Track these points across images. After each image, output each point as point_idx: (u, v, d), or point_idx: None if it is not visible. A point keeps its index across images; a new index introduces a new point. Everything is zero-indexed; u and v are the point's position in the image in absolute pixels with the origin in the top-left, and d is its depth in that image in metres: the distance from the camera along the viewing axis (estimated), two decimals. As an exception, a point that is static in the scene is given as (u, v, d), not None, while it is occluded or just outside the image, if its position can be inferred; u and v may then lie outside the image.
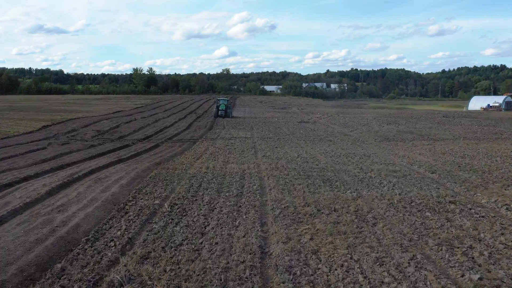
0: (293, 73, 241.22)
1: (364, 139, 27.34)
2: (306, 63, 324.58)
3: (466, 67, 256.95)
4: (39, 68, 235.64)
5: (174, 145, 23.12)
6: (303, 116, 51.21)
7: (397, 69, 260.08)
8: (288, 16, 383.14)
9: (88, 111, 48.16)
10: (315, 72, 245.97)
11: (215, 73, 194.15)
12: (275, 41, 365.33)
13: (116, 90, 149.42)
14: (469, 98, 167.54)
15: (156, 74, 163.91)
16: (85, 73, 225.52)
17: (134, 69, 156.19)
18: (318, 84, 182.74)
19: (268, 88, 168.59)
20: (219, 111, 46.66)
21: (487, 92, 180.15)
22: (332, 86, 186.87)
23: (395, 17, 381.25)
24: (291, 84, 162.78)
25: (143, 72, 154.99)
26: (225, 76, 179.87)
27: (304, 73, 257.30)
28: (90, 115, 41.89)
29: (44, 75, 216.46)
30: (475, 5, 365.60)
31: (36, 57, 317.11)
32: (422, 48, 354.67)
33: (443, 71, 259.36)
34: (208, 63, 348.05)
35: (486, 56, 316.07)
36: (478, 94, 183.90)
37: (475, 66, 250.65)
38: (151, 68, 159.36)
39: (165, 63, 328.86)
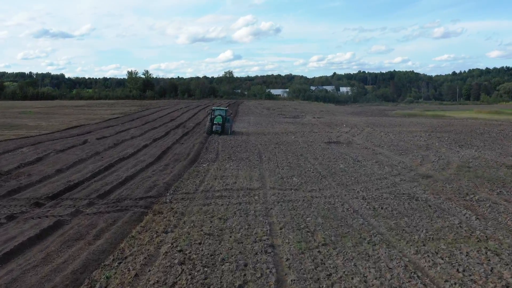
0: (299, 76, 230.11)
1: (479, 195, 14.28)
2: (311, 66, 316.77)
3: (477, 69, 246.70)
4: (40, 72, 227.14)
5: (87, 232, 10.14)
6: (328, 131, 38.18)
7: (406, 71, 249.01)
8: (292, 19, 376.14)
9: (37, 126, 35.55)
10: (320, 75, 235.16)
11: (218, 76, 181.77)
12: (280, 44, 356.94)
13: (109, 95, 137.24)
14: (494, 102, 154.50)
15: (153, 78, 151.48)
16: (86, 77, 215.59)
17: (128, 72, 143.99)
18: (328, 88, 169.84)
19: (274, 91, 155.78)
20: (214, 126, 33.81)
21: (510, 95, 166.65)
22: (342, 89, 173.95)
23: (400, 20, 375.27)
24: (300, 87, 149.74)
25: (138, 75, 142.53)
26: (228, 79, 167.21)
27: (309, 76, 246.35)
28: (28, 134, 29.21)
29: (45, 80, 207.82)
30: (481, 7, 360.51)
31: (41, 62, 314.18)
32: (427, 50, 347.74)
33: (454, 73, 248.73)
34: (212, 66, 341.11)
35: (492, 58, 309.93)
36: (501, 97, 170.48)
37: (487, 68, 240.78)
38: (147, 71, 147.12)
39: (170, 67, 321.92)
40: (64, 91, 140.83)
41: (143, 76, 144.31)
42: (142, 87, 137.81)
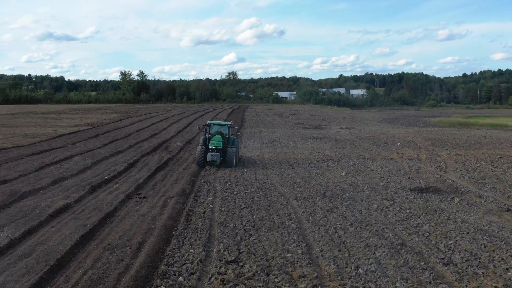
0: (304, 78, 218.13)
1: None
2: (314, 69, 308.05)
3: (489, 71, 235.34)
4: (39, 75, 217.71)
5: None
6: (386, 156, 24.60)
7: (415, 73, 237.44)
8: (296, 22, 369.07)
9: None
10: (324, 78, 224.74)
11: (221, 78, 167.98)
12: (284, 47, 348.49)
13: (100, 98, 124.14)
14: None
15: (150, 80, 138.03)
16: (87, 80, 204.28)
17: (121, 72, 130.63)
18: (338, 90, 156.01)
19: (281, 94, 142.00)
20: (210, 154, 20.35)
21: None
22: (354, 92, 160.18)
23: (404, 22, 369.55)
24: (311, 89, 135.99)
25: (132, 77, 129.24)
26: (232, 81, 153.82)
27: (313, 78, 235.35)
28: None
29: (44, 82, 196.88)
30: (485, 9, 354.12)
31: (46, 64, 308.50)
32: (431, 52, 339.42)
33: (465, 75, 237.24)
34: (216, 69, 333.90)
35: (496, 60, 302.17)
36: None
37: (499, 70, 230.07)
38: (142, 71, 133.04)
39: (173, 70, 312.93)
40: (50, 94, 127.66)
41: (138, 78, 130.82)
42: (137, 90, 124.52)
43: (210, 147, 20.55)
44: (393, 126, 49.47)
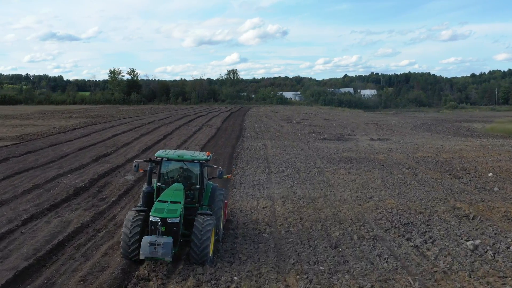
0: (307, 78, 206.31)
1: None
2: (317, 69, 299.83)
3: (499, 71, 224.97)
4: (39, 74, 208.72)
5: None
6: (510, 212, 12.60)
7: (422, 73, 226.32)
8: (299, 22, 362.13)
9: None
10: (327, 78, 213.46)
11: (220, 78, 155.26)
12: (286, 47, 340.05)
13: (86, 99, 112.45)
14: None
15: (141, 79, 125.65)
16: (86, 80, 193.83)
17: (110, 71, 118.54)
18: (345, 90, 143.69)
19: (285, 94, 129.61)
20: (148, 242, 8.34)
21: None
22: (367, 92, 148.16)
23: (407, 23, 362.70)
24: (318, 89, 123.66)
25: (122, 75, 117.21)
26: (232, 81, 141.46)
27: (316, 78, 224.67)
28: None
29: (42, 82, 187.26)
30: (488, 10, 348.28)
31: (48, 64, 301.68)
32: (433, 53, 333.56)
33: (473, 75, 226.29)
34: (218, 69, 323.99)
35: (498, 61, 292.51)
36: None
37: (509, 69, 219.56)
38: (133, 69, 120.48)
39: (176, 70, 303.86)
40: (31, 94, 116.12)
41: (128, 77, 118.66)
42: (127, 90, 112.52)
43: (151, 218, 8.60)
44: (440, 137, 37.34)
